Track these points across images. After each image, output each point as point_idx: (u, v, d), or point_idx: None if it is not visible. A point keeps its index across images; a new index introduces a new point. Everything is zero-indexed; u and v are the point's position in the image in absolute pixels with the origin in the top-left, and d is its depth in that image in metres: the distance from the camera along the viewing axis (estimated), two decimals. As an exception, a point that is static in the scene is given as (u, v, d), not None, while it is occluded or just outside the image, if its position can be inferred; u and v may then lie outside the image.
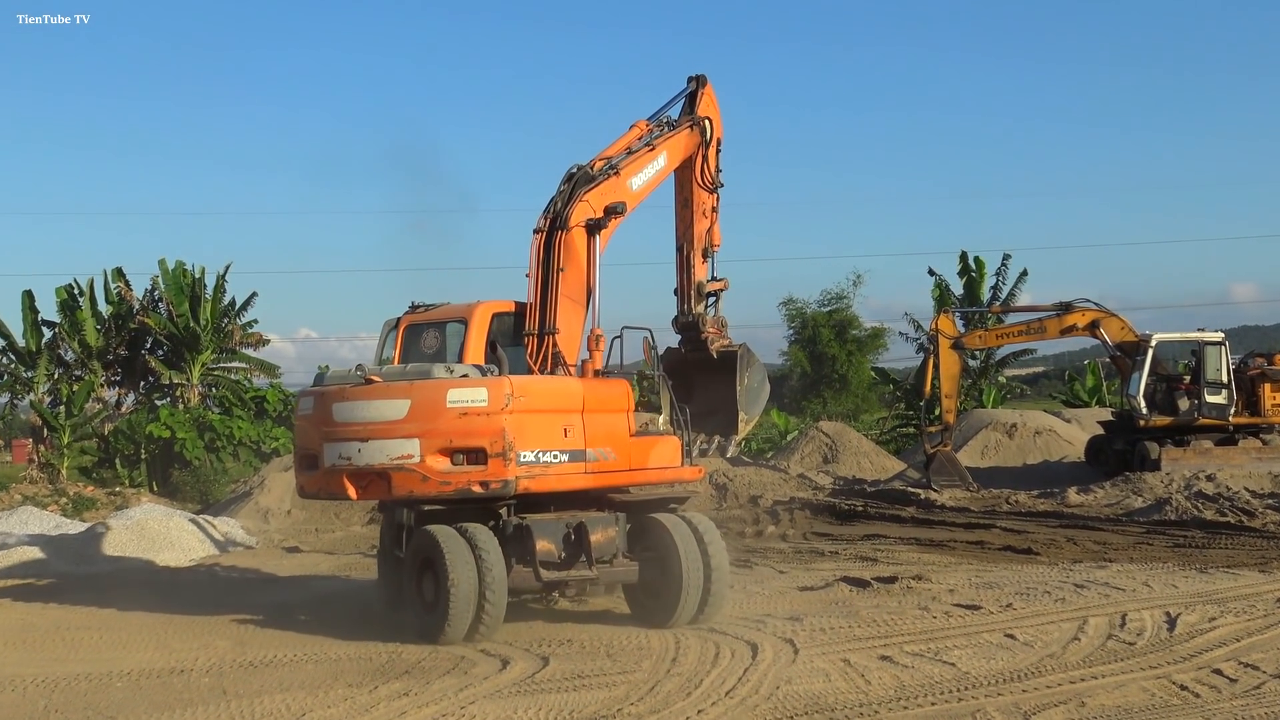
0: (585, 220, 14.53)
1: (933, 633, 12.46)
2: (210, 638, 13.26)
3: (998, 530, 22.38)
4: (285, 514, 27.79)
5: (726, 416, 16.47)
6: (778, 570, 17.73)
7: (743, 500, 28.82)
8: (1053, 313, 31.05)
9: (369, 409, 12.92)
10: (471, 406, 12.60)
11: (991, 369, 51.48)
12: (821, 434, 38.94)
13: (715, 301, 17.11)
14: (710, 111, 17.09)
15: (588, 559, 13.04)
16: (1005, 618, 13.20)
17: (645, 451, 13.90)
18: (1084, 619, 12.95)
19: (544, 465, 12.77)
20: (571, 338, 14.39)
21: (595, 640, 12.50)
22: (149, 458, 40.42)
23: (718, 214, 17.25)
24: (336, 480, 13.16)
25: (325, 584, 17.73)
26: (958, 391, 32.25)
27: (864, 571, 17.09)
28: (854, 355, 61.05)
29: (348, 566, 19.60)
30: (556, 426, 12.96)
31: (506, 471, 12.52)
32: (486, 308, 14.18)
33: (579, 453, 13.06)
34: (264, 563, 20.26)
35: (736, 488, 29.78)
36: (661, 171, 16.11)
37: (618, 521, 13.53)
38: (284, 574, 18.89)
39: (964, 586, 15.54)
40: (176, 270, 45.52)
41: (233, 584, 17.97)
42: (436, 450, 12.60)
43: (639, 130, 16.35)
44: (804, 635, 12.36)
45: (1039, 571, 16.99)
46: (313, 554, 21.76)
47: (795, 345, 63.50)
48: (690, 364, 16.76)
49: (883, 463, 36.98)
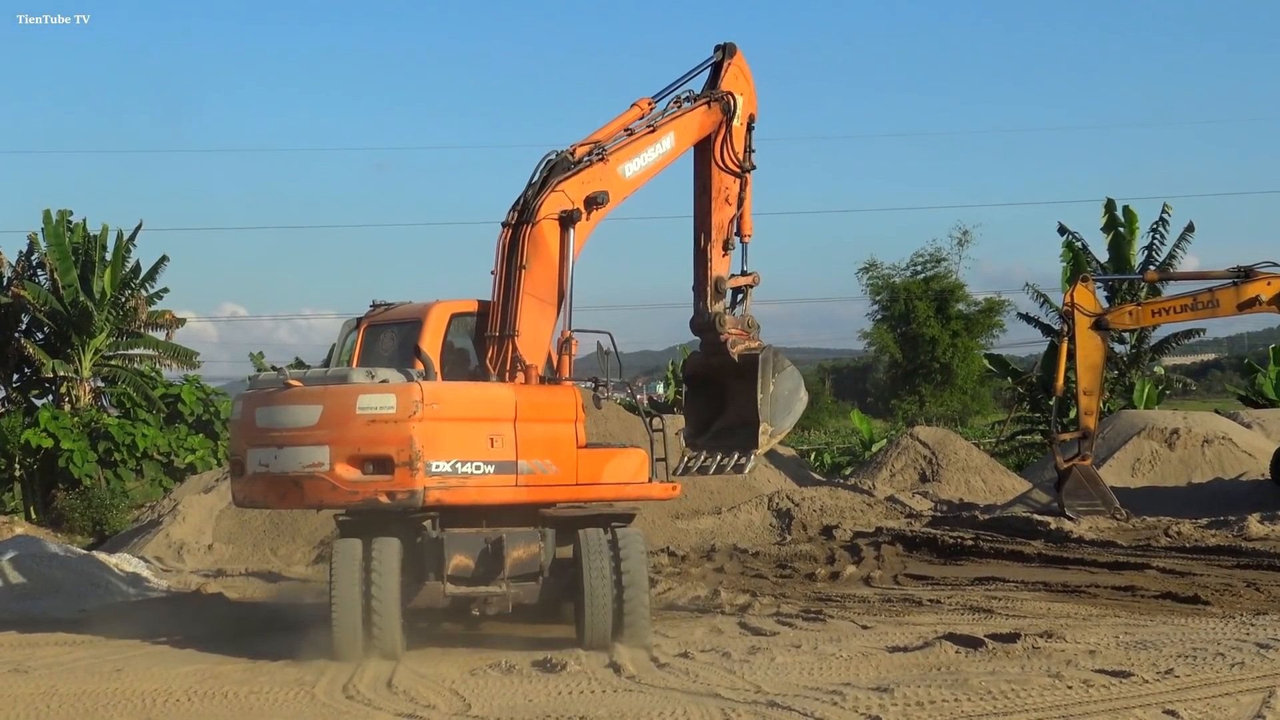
0: (558, 212, 17.01)
1: (1068, 708, 12.46)
2: None
3: (1154, 572, 22.34)
4: (205, 549, 28.00)
5: (750, 428, 18.50)
6: (859, 625, 17.76)
7: (813, 531, 28.81)
8: (1228, 281, 30.85)
9: (286, 414, 15.99)
10: (380, 413, 15.46)
11: (1145, 357, 51.31)
12: (918, 444, 38.90)
13: (742, 299, 19.20)
14: (738, 86, 19.14)
15: (502, 576, 16.14)
16: (1164, 688, 13.19)
17: (597, 465, 16.75)
18: (1270, 690, 12.93)
19: (461, 477, 15.65)
20: (536, 341, 16.93)
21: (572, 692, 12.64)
22: (24, 475, 40.67)
23: (749, 200, 19.25)
24: (259, 487, 16.39)
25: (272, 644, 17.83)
26: (1100, 387, 32.12)
27: (975, 627, 17.09)
28: (959, 338, 61.08)
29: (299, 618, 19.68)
30: (480, 436, 15.84)
31: (414, 482, 15.38)
32: (444, 308, 16.98)
33: (508, 464, 15.93)
34: (178, 620, 20.36)
35: (805, 515, 29.79)
36: (667, 155, 18.33)
37: (543, 537, 16.53)
38: (207, 629, 19.00)
39: (1109, 647, 15.53)
40: (60, 225, 45.43)
41: (134, 656, 18.07)
42: (345, 459, 15.54)
43: (639, 109, 18.44)
44: (895, 712, 12.39)
45: (1209, 626, 16.96)
46: (244, 604, 21.86)
47: (880, 325, 63.55)
48: (718, 371, 18.97)
49: (999, 481, 36.92)
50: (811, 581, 22.69)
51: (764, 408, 18.43)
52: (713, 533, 29.33)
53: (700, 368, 19.47)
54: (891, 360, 63.69)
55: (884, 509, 31.35)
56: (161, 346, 46.92)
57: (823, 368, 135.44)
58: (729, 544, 27.66)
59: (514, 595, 16.43)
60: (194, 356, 47.19)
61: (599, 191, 17.42)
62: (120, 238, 45.45)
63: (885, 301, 63.15)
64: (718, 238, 19.00)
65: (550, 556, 16.68)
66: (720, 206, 19.03)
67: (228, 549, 27.93)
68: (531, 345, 16.91)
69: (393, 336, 17.46)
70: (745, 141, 19.25)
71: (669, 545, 27.24)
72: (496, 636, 17.38)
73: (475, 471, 15.77)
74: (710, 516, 30.27)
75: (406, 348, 16.92)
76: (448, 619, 17.62)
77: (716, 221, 18.99)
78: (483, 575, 16.25)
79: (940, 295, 61.77)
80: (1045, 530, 27.40)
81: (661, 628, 17.62)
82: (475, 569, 16.25)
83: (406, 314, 17.43)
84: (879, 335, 63.00)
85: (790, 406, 18.91)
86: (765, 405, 18.45)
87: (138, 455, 40.62)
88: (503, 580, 16.28)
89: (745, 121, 19.30)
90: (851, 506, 30.80)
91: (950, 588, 21.47)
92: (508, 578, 16.30)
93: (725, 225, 19.09)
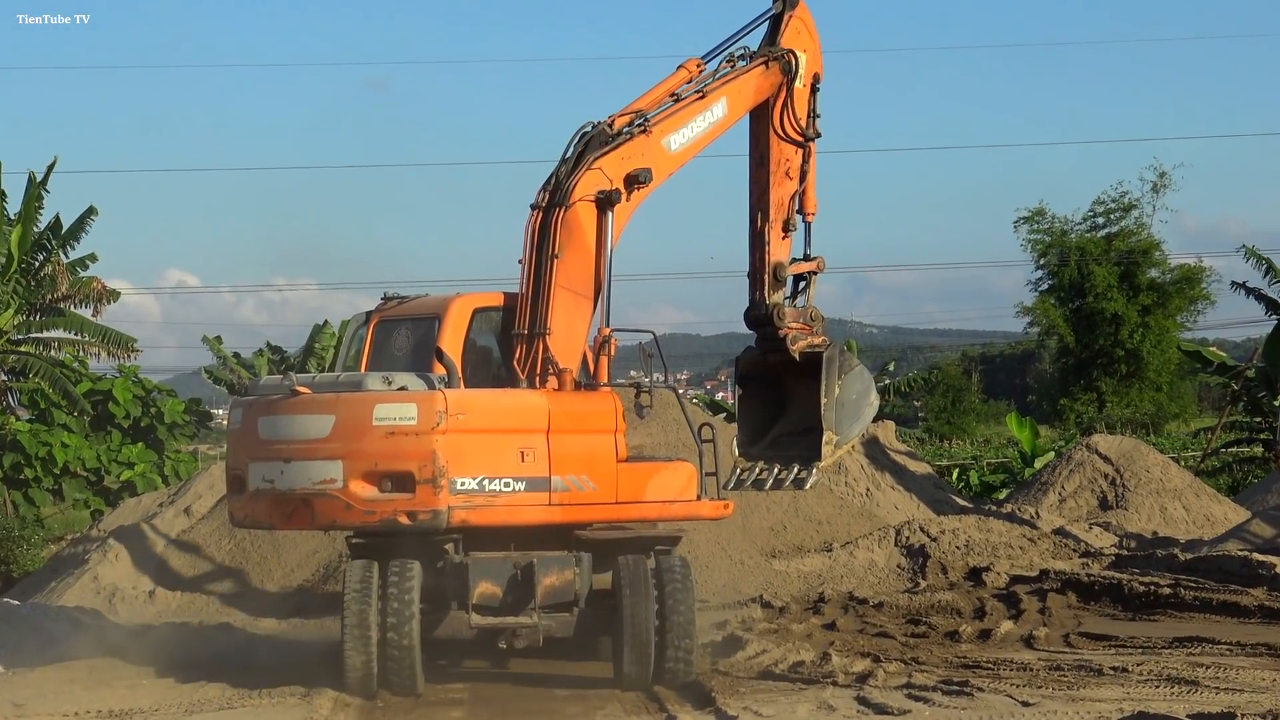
0: (595, 193, 19.09)
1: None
2: None
3: None
4: (145, 596, 28.12)
5: (812, 437, 20.56)
6: (1019, 701, 17.74)
7: (955, 575, 28.72)
8: None
9: (293, 425, 18.30)
10: (399, 425, 17.73)
11: None
12: (1096, 458, 38.74)
13: (805, 288, 21.26)
14: (801, 43, 21.15)
15: (533, 605, 18.40)
16: None
17: (640, 481, 19.12)
18: None
19: (489, 495, 17.98)
20: (570, 340, 19.11)
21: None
22: (-91, 497, 41.02)
23: (813, 173, 21.25)
24: (262, 506, 18.78)
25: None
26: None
27: (1174, 704, 17.07)
28: (1151, 316, 60.72)
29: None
30: (509, 449, 18.15)
31: (437, 501, 17.70)
32: (465, 302, 19.39)
33: (540, 480, 18.23)
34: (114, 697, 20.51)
35: (944, 553, 29.71)
36: (720, 124, 20.38)
37: (579, 563, 18.86)
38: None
39: (1357, 732, 15.44)
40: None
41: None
42: (361, 475, 17.87)
43: (687, 72, 20.50)
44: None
45: None
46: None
47: (1046, 298, 63.33)
48: (779, 370, 21.15)
49: (1206, 509, 36.72)
50: (954, 642, 22.65)
51: (828, 413, 20.31)
52: (821, 577, 29.30)
53: (756, 366, 21.38)
54: (1061, 346, 63.56)
55: (1051, 545, 31.23)
56: (88, 328, 47.11)
57: (968, 355, 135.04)
58: (843, 592, 27.61)
59: (546, 627, 18.58)
60: (130, 344, 47.39)
61: (641, 168, 19.41)
62: (32, 181, 45.73)
63: (1053, 265, 62.93)
64: (777, 217, 20.85)
65: (587, 585, 19.03)
66: (780, 181, 20.96)
67: (174, 598, 28.05)
68: (565, 345, 19.01)
69: (408, 334, 19.71)
70: (809, 105, 21.17)
71: (763, 593, 27.21)
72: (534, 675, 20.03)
73: (504, 489, 18.05)
74: (818, 555, 30.27)
75: (424, 347, 19.04)
76: (471, 653, 20.33)
77: (776, 199, 20.89)
78: (511, 605, 18.51)
79: (1127, 258, 61.41)
80: (1269, 575, 27.22)
81: (754, 703, 17.68)
82: (503, 598, 18.52)
83: (423, 309, 19.81)
84: (1044, 311, 62.84)
85: (859, 413, 20.89)
86: (830, 411, 20.32)
87: (55, 471, 40.82)
88: (534, 610, 18.45)
89: (809, 82, 21.16)
90: (1007, 542, 30.70)
91: (1140, 651, 21.40)
92: (539, 607, 18.49)
93: (786, 203, 21.03)
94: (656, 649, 18.54)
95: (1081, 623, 24.21)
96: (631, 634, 18.47)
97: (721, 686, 18.69)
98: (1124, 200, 63.27)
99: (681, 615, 18.62)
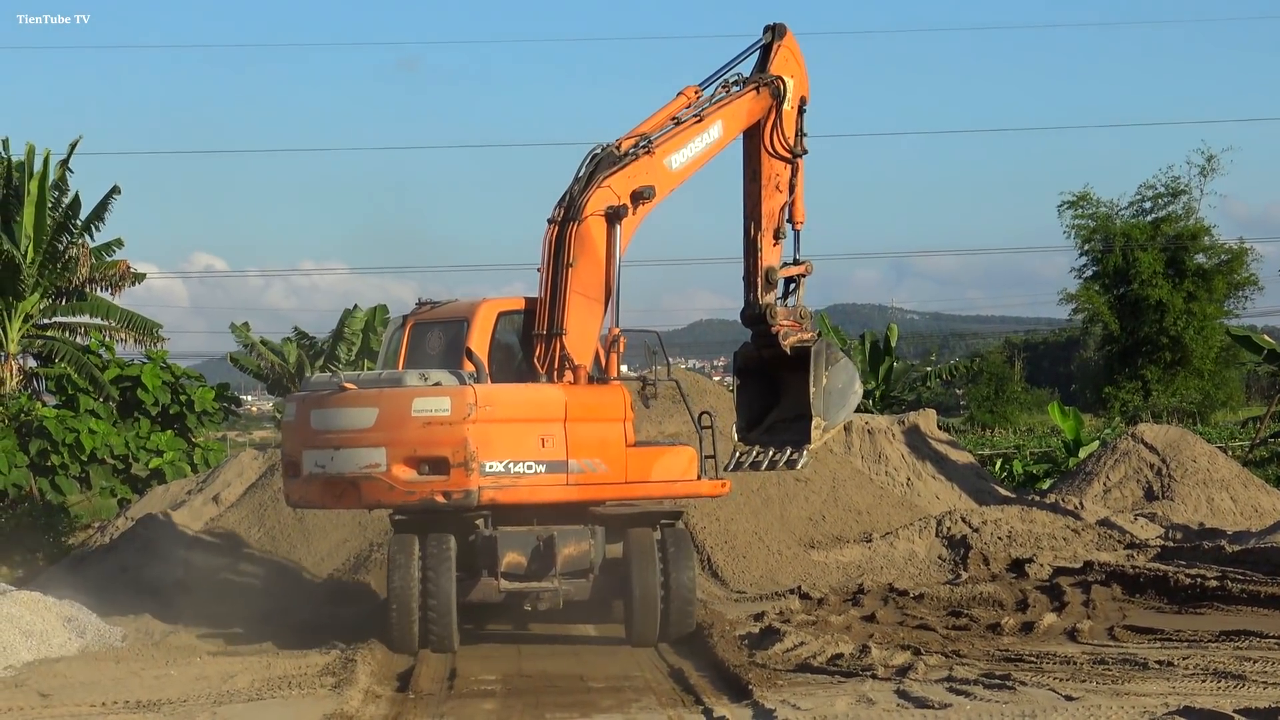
0: (605, 208, 22.30)
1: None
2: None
3: None
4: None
5: (803, 423, 23.55)
6: (1062, 696, 17.69)
7: (998, 566, 28.70)
8: None
9: (341, 417, 21.69)
10: (435, 416, 21.04)
11: None
12: (1142, 447, 38.69)
13: (795, 289, 24.47)
14: (789, 69, 24.28)
15: (554, 572, 21.67)
16: None
17: (646, 463, 22.64)
18: None
19: (514, 476, 21.34)
20: (584, 339, 22.39)
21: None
22: (-68, 483, 41.02)
23: (800, 186, 24.36)
24: (315, 489, 22.27)
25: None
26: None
27: (1221, 699, 17.04)
28: (1197, 302, 60.48)
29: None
30: (531, 436, 21.49)
31: (469, 482, 21.02)
32: (491, 306, 22.66)
33: (559, 464, 21.63)
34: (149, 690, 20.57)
35: (986, 544, 29.68)
36: (715, 144, 23.49)
37: (594, 535, 22.31)
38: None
39: None
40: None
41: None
42: (402, 460, 21.26)
43: (685, 98, 23.59)
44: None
45: None
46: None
47: (1091, 284, 63.15)
48: (772, 363, 24.21)
49: (1254, 499, 36.70)
50: (996, 635, 22.64)
51: (816, 401, 23.37)
52: (861, 567, 29.31)
53: (752, 360, 24.64)
54: (1105, 333, 63.37)
55: (1095, 536, 31.20)
56: (113, 313, 47.05)
57: (1011, 343, 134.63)
58: (883, 583, 27.60)
59: (565, 592, 21.95)
60: (156, 329, 47.25)
61: (645, 186, 22.60)
62: (48, 162, 45.49)
63: (1097, 251, 62.69)
64: (768, 226, 24.12)
65: (600, 554, 22.54)
66: (771, 194, 24.18)
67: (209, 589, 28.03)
68: (579, 344, 22.35)
69: (440, 335, 22.91)
70: (796, 126, 24.40)
71: (801, 584, 27.21)
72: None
73: (527, 471, 21.51)
74: (857, 546, 30.26)
75: (455, 347, 22.26)
76: (498, 615, 23.74)
77: (767, 210, 24.15)
78: (535, 571, 21.87)
79: (1174, 243, 61.10)
80: (1319, 567, 27.19)
81: (792, 696, 17.69)
82: (528, 565, 21.89)
83: (453, 313, 23.08)
84: (1088, 298, 62.64)
85: (844, 400, 24.05)
86: (818, 399, 23.39)
87: (82, 458, 40.71)
88: (554, 576, 21.81)
89: (796, 105, 24.36)
90: (1050, 533, 30.67)
91: (1187, 645, 21.41)
92: (559, 574, 21.84)
93: (776, 213, 24.24)
94: (662, 609, 22.09)
95: (1126, 615, 24.21)
96: (641, 597, 22.13)
97: (759, 679, 18.65)
98: (1172, 185, 62.93)
99: (683, 579, 22.24)
